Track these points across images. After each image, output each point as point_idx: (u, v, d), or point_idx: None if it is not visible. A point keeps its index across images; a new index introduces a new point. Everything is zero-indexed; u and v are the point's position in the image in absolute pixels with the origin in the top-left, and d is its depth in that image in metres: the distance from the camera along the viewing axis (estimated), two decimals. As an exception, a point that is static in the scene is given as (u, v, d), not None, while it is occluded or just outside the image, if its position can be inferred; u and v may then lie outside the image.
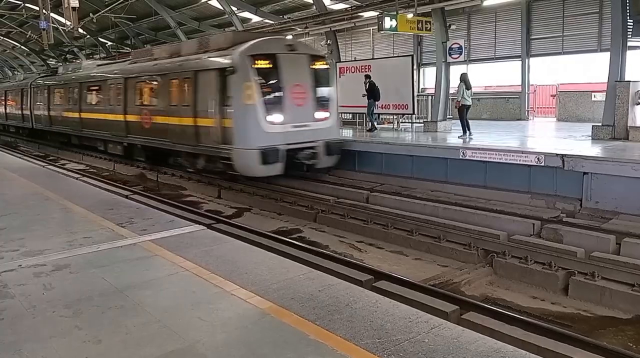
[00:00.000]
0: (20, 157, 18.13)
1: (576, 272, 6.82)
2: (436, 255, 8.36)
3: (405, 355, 3.40)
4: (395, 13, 15.83)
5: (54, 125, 23.03)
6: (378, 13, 17.21)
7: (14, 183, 10.85)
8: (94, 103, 19.25)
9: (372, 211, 10.15)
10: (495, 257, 7.62)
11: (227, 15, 25.70)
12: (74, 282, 4.90)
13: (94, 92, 19.23)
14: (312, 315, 3.99)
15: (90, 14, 25.46)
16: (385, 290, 6.20)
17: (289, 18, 23.33)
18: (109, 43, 35.69)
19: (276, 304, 4.22)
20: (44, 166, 15.48)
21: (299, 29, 22.60)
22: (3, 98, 30.53)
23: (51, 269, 5.22)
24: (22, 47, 45.56)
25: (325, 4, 21.54)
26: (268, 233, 9.29)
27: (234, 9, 25.09)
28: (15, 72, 49.22)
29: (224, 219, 10.67)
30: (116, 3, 24.21)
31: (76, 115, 20.25)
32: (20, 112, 27.47)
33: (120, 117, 16.68)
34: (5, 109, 30.28)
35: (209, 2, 26.36)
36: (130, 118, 16.16)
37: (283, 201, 11.87)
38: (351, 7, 20.73)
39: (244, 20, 26.18)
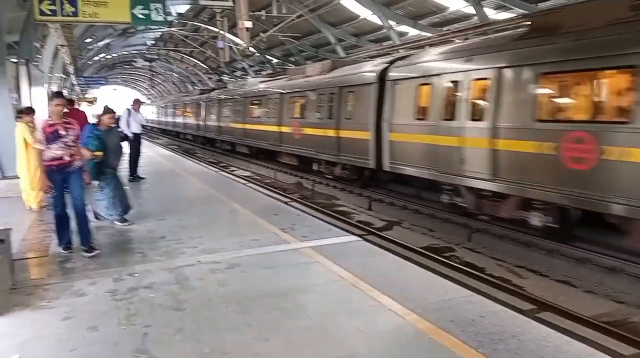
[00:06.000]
0: (197, 163, 20.41)
1: None
2: (611, 289, 7.45)
3: (583, 401, 3.08)
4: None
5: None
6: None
7: (193, 186, 12.24)
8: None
9: (534, 235, 9.41)
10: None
11: (385, 30, 26.07)
12: (244, 280, 5.34)
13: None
14: (473, 342, 3.82)
15: (260, 34, 27.74)
16: (552, 323, 5.70)
17: (448, 30, 22.85)
18: (275, 60, 38.50)
19: (434, 325, 4.12)
20: (216, 171, 17.21)
21: (457, 41, 22.03)
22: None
23: (225, 267, 5.75)
24: (201, 64, 51.43)
25: (488, 14, 20.69)
26: (422, 251, 9.15)
27: (392, 23, 25.35)
28: (195, 87, 55.61)
29: (375, 231, 10.78)
30: (284, 22, 26.04)
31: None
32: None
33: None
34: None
35: (367, 18, 27.00)
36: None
37: (435, 217, 11.59)
38: (517, 16, 19.61)
39: (401, 34, 26.31)
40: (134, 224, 7.81)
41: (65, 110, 6.61)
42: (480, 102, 9.30)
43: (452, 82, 9.96)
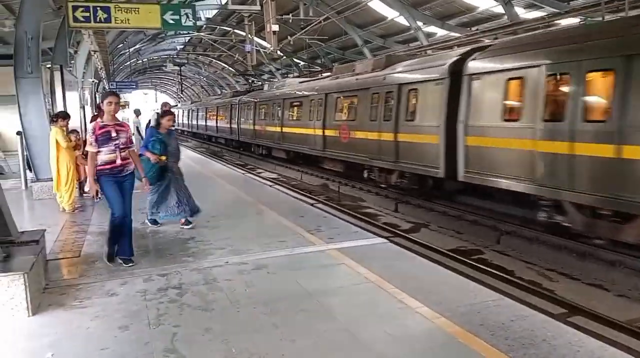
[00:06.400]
0: (224, 165, 20.64)
1: None
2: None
3: (618, 408, 2.99)
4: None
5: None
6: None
7: (221, 188, 12.38)
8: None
9: (566, 238, 9.19)
10: None
11: (412, 31, 25.90)
12: (271, 281, 5.37)
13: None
14: (503, 346, 3.75)
15: (288, 37, 27.89)
16: (584, 327, 5.56)
17: (477, 29, 22.57)
18: (302, 63, 38.68)
19: (464, 329, 4.06)
20: (243, 173, 17.36)
21: (486, 41, 21.73)
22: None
23: (252, 268, 5.79)
24: (229, 68, 52.06)
25: (518, 13, 20.35)
26: (450, 253, 9.05)
27: (420, 24, 25.18)
28: (223, 91, 56.27)
29: (402, 234, 10.70)
30: (310, 25, 26.14)
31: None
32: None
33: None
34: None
35: (394, 19, 26.88)
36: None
37: (462, 219, 11.43)
38: (548, 14, 19.24)
39: (429, 35, 26.10)
40: (162, 225, 7.95)
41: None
42: (599, 99, 7.77)
43: (555, 75, 8.26)
